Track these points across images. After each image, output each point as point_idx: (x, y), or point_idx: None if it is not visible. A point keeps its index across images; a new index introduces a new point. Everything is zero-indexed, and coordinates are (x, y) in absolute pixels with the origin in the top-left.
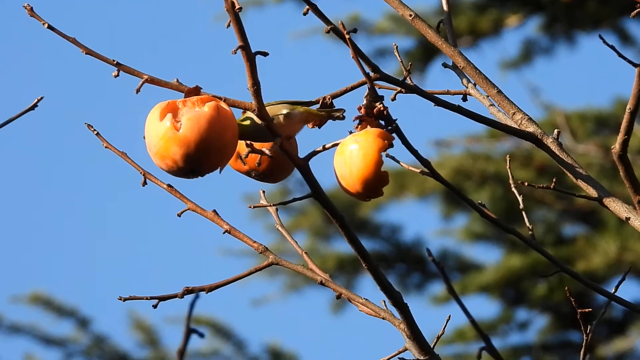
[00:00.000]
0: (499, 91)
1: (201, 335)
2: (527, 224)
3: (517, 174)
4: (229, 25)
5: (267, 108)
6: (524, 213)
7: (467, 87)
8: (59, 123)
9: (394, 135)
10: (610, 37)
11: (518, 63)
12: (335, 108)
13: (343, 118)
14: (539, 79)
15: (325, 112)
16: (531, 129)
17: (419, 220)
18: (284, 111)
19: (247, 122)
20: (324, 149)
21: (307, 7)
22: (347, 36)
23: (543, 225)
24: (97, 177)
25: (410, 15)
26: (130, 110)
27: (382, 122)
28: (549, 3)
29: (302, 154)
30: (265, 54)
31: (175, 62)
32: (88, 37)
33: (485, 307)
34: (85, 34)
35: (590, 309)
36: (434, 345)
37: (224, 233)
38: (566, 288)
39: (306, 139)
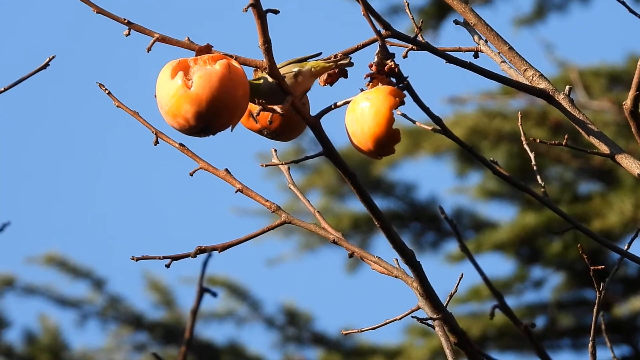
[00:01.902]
0: (510, 48)
1: (214, 294)
2: (539, 181)
3: (532, 132)
4: None
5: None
6: (535, 169)
7: (478, 44)
8: (71, 82)
9: (405, 92)
10: None
11: (532, 20)
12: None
13: (351, 64)
14: (552, 35)
15: (333, 63)
16: (542, 85)
17: (434, 178)
18: (295, 69)
19: (260, 82)
20: (335, 106)
21: None
22: None
23: (559, 184)
24: (108, 136)
25: None
26: (141, 69)
27: (394, 80)
28: None
29: (313, 112)
30: (276, 12)
31: (186, 21)
32: None
33: (500, 266)
34: None
35: (603, 266)
36: (446, 304)
37: (236, 192)
38: (579, 245)
39: (318, 97)
